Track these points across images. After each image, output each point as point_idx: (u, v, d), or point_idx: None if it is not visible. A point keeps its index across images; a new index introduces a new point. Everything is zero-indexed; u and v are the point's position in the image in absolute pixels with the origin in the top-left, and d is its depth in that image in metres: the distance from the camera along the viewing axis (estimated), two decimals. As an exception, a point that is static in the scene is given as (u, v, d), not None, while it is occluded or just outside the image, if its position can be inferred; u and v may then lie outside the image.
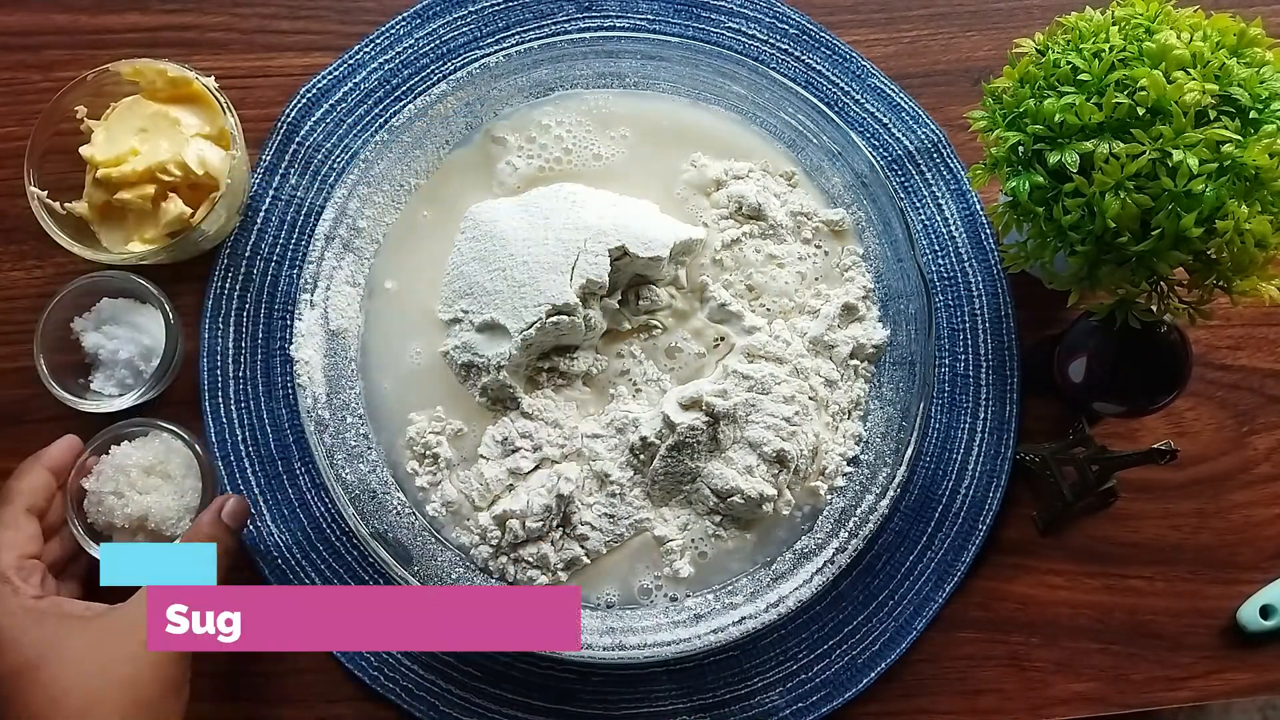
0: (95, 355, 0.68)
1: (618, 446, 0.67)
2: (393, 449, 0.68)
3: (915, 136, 0.75)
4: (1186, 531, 0.73)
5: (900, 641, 0.69)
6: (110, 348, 0.68)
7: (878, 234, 0.71)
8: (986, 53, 0.77)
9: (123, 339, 0.68)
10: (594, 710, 0.68)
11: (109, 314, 0.69)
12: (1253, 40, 0.55)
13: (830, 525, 0.68)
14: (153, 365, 0.68)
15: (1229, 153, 0.51)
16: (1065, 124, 0.54)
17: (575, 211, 0.66)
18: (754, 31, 0.76)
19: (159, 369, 0.67)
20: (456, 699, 0.68)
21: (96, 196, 0.68)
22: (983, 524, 0.71)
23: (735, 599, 0.66)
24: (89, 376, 0.69)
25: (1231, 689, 0.71)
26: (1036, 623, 0.71)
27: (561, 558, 0.65)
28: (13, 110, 0.73)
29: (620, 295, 0.69)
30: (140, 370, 0.68)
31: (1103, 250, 0.55)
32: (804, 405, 0.67)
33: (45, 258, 0.72)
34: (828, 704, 0.69)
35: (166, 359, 0.67)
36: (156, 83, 0.69)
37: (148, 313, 0.69)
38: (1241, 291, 0.54)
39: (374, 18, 0.76)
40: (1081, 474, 0.70)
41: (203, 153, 0.68)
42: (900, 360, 0.69)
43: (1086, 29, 0.57)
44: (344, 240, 0.69)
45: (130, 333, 0.69)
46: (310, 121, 0.74)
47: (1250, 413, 0.74)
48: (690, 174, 0.72)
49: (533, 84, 0.72)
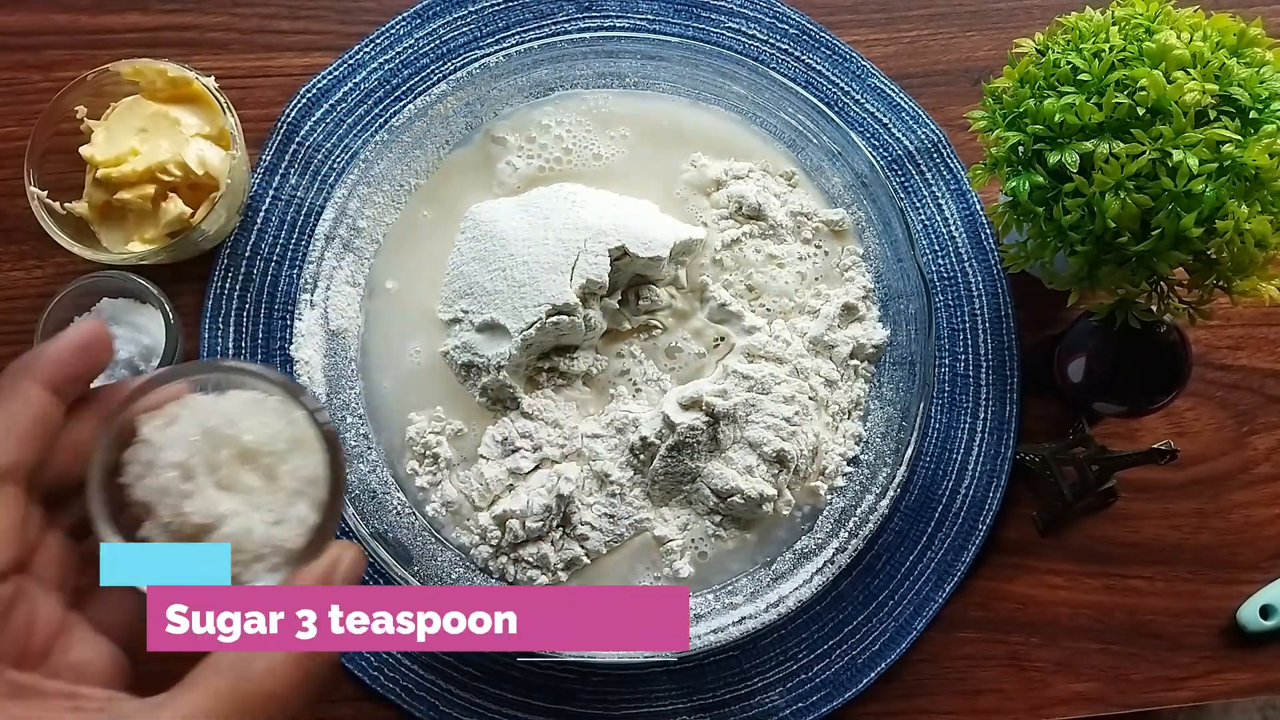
0: None
1: (618, 446, 0.67)
2: (393, 449, 0.68)
3: (915, 136, 0.75)
4: (1186, 531, 0.73)
5: (900, 641, 0.69)
6: None
7: (878, 234, 0.71)
8: (986, 53, 0.77)
9: (123, 339, 0.68)
10: (594, 710, 0.68)
11: (109, 314, 0.69)
12: (1253, 40, 0.55)
13: (830, 525, 0.68)
14: (153, 365, 0.68)
15: (1229, 153, 0.51)
16: (1065, 124, 0.54)
17: (575, 211, 0.66)
18: (754, 31, 0.76)
19: (159, 369, 0.67)
20: (456, 699, 0.68)
21: (96, 196, 0.68)
22: (983, 524, 0.71)
23: (735, 599, 0.66)
24: None
25: (1231, 689, 0.71)
26: (1036, 623, 0.71)
27: (561, 558, 0.65)
28: (13, 110, 0.73)
29: (620, 295, 0.69)
30: (140, 370, 0.68)
31: (1103, 250, 0.55)
32: (804, 405, 0.67)
33: (45, 258, 0.72)
34: (828, 704, 0.69)
35: (166, 359, 0.67)
36: (156, 83, 0.69)
37: (148, 313, 0.69)
38: (1241, 291, 0.54)
39: (374, 18, 0.76)
40: (1081, 474, 0.70)
41: (203, 153, 0.68)
42: (900, 360, 0.69)
43: (1086, 29, 0.57)
44: (344, 240, 0.69)
45: (130, 333, 0.69)
46: (310, 121, 0.74)
47: (1250, 413, 0.74)
48: (690, 174, 0.72)
49: (533, 84, 0.72)
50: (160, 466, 0.37)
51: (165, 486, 0.37)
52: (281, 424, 0.39)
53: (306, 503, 0.39)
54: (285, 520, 0.39)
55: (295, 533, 0.38)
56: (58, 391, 0.35)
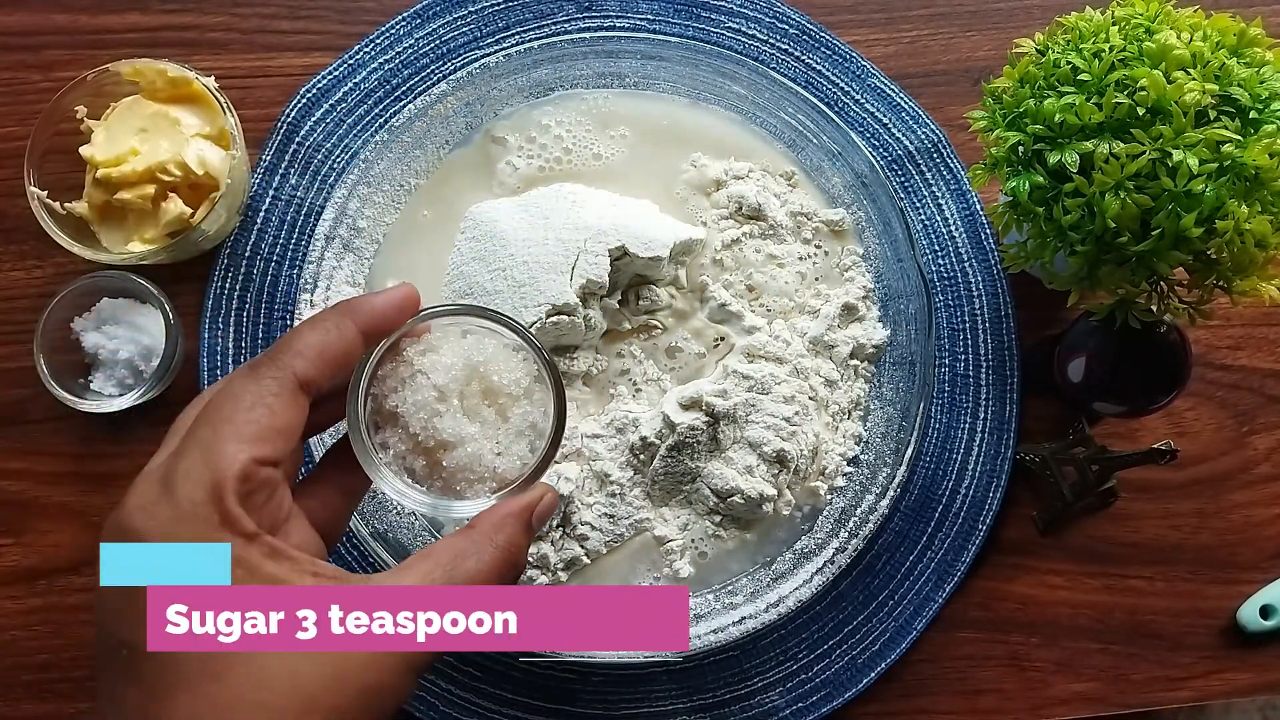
0: (95, 355, 0.68)
1: (618, 446, 0.67)
2: (393, 449, 0.68)
3: (915, 136, 0.75)
4: (1186, 531, 0.73)
5: (900, 641, 0.69)
6: (110, 348, 0.68)
7: (878, 234, 0.71)
8: (986, 53, 0.77)
9: (123, 339, 0.68)
10: (594, 710, 0.68)
11: (109, 314, 0.69)
12: (1253, 40, 0.55)
13: (830, 525, 0.68)
14: (153, 365, 0.68)
15: (1229, 153, 0.51)
16: (1065, 124, 0.54)
17: (575, 211, 0.66)
18: (754, 31, 0.76)
19: (159, 369, 0.67)
20: (456, 699, 0.68)
21: (96, 196, 0.68)
22: (983, 524, 0.71)
23: (735, 599, 0.66)
24: (89, 376, 0.69)
25: (1231, 689, 0.71)
26: (1036, 623, 0.71)
27: (561, 558, 0.65)
28: (13, 110, 0.73)
29: (620, 295, 0.69)
30: (140, 370, 0.68)
31: (1103, 250, 0.55)
32: (804, 405, 0.67)
33: (45, 258, 0.72)
34: (828, 704, 0.69)
35: (167, 358, 0.67)
36: (156, 83, 0.69)
37: (148, 313, 0.69)
38: (1241, 291, 0.54)
39: (374, 18, 0.76)
40: (1081, 474, 0.70)
41: (203, 153, 0.68)
42: (900, 360, 0.69)
43: (1086, 29, 0.57)
44: (344, 240, 0.69)
45: (130, 333, 0.69)
46: (310, 121, 0.74)
47: (1250, 413, 0.74)
48: (690, 174, 0.72)
49: (533, 84, 0.72)
50: (421, 385, 0.43)
51: (423, 402, 0.43)
52: (522, 373, 0.46)
53: (527, 444, 0.45)
54: (506, 454, 0.45)
55: (512, 466, 0.44)
56: (366, 333, 0.41)
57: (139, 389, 0.67)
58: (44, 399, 0.67)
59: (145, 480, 0.37)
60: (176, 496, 0.35)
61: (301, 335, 0.40)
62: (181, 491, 0.35)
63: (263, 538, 0.36)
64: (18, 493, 0.69)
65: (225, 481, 0.35)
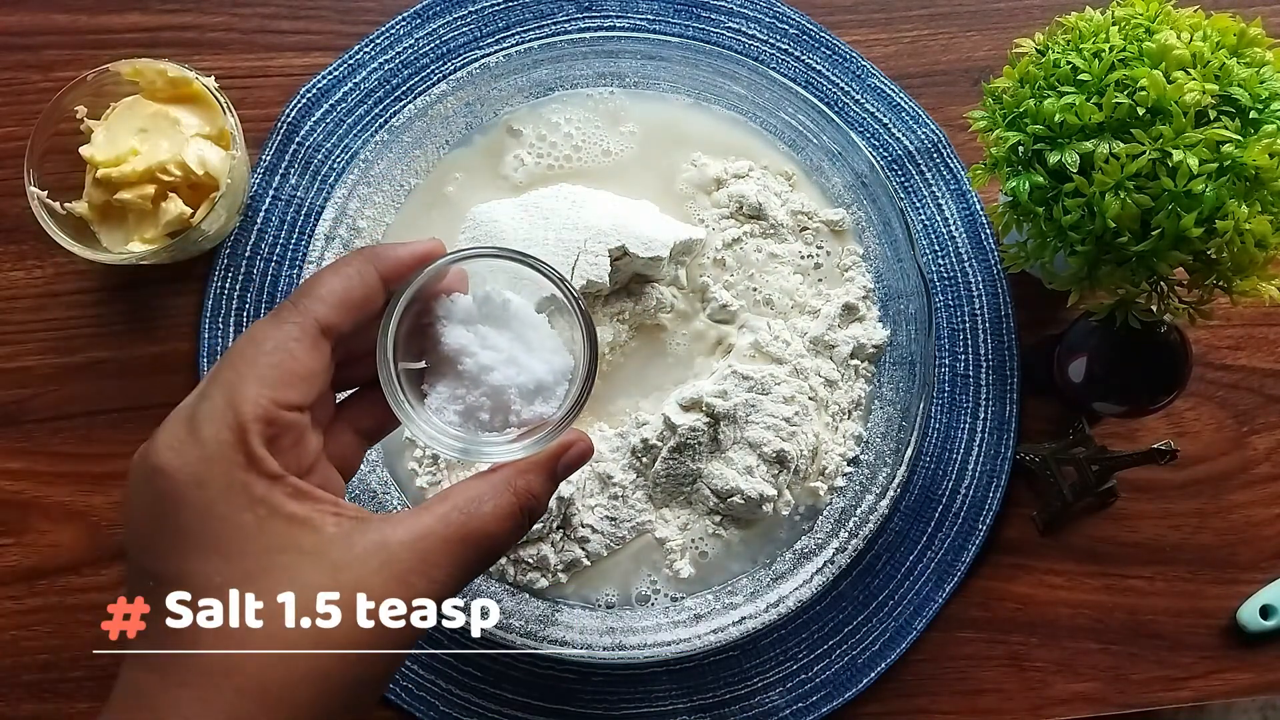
0: None
1: (620, 448, 0.67)
2: (392, 448, 0.68)
3: (915, 136, 0.75)
4: (1186, 531, 0.73)
5: (900, 641, 0.69)
6: None
7: (878, 234, 0.71)
8: (986, 53, 0.77)
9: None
10: (594, 710, 0.68)
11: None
12: (1253, 40, 0.55)
13: (830, 525, 0.68)
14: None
15: (1229, 153, 0.51)
16: (1065, 124, 0.54)
17: (575, 211, 0.66)
18: (754, 31, 0.76)
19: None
20: (456, 699, 0.68)
21: (96, 196, 0.68)
22: (983, 524, 0.71)
23: (735, 599, 0.66)
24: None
25: (1231, 689, 0.71)
26: (1036, 623, 0.71)
27: (561, 559, 0.65)
28: (13, 110, 0.73)
29: (620, 295, 0.69)
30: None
31: (1103, 250, 0.55)
32: (804, 405, 0.67)
33: (45, 258, 0.72)
34: (828, 704, 0.69)
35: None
36: (156, 83, 0.69)
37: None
38: (1241, 291, 0.54)
39: (374, 18, 0.76)
40: (1081, 474, 0.70)
41: (203, 153, 0.68)
42: (900, 360, 0.69)
43: (1086, 29, 0.57)
44: (344, 240, 0.69)
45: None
46: (310, 121, 0.74)
47: (1250, 413, 0.74)
48: (690, 173, 0.72)
49: (532, 84, 0.72)
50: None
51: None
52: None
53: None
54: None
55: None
56: (387, 280, 0.41)
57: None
58: (44, 399, 0.67)
59: (174, 419, 0.37)
60: (202, 436, 0.36)
61: (324, 281, 0.40)
62: (207, 432, 0.36)
63: (287, 479, 0.36)
64: (18, 493, 0.69)
65: (248, 423, 0.36)
